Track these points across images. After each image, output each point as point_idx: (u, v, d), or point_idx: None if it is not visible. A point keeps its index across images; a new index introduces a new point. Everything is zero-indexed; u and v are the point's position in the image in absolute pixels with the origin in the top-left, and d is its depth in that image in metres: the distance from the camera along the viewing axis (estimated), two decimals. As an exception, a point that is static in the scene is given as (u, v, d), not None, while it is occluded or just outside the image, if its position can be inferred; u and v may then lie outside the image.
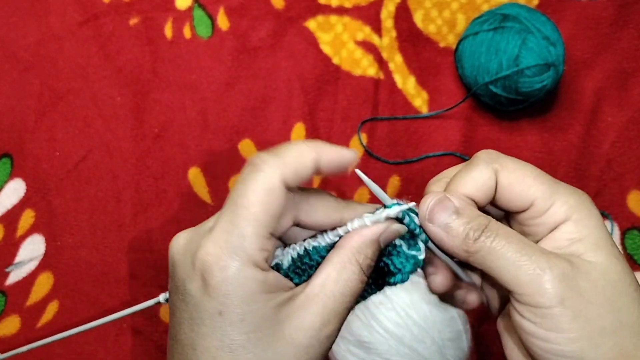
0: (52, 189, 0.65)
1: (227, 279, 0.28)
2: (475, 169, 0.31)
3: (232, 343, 0.28)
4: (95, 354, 0.62)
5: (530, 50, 0.59)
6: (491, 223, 0.29)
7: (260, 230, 0.28)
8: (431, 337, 0.52)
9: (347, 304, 0.29)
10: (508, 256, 0.28)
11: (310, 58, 0.68)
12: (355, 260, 0.30)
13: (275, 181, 0.28)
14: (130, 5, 0.70)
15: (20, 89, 0.67)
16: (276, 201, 0.28)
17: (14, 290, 0.63)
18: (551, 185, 0.30)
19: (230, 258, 0.28)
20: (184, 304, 0.29)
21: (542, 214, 0.30)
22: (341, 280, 0.29)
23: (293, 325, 0.28)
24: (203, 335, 0.28)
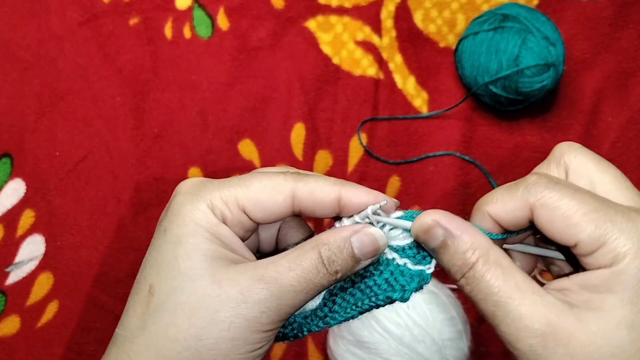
0: (52, 189, 0.65)
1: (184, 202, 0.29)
2: (512, 193, 0.29)
3: (162, 262, 0.29)
4: (95, 354, 0.62)
5: (530, 50, 0.59)
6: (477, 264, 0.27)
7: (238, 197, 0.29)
8: (431, 337, 0.52)
9: (293, 279, 0.28)
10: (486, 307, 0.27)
11: (310, 58, 0.68)
12: (316, 246, 0.29)
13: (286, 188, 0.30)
14: (130, 5, 0.70)
15: (20, 89, 0.67)
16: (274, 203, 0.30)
17: (14, 290, 0.63)
18: (601, 225, 0.26)
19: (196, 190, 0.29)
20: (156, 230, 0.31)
21: (587, 255, 0.27)
22: (293, 255, 0.29)
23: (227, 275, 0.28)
24: (147, 254, 0.30)
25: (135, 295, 0.29)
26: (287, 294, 0.28)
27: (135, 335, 0.28)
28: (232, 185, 0.30)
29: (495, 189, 0.30)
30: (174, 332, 0.27)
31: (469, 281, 0.28)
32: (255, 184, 0.30)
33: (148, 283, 0.28)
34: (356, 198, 0.30)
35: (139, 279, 0.29)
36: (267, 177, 0.30)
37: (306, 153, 0.66)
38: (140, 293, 0.29)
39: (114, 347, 0.30)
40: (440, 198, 0.65)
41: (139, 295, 0.29)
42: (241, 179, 0.30)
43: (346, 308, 0.32)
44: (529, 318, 0.26)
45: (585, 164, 0.29)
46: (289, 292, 0.28)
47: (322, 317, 0.32)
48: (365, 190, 0.31)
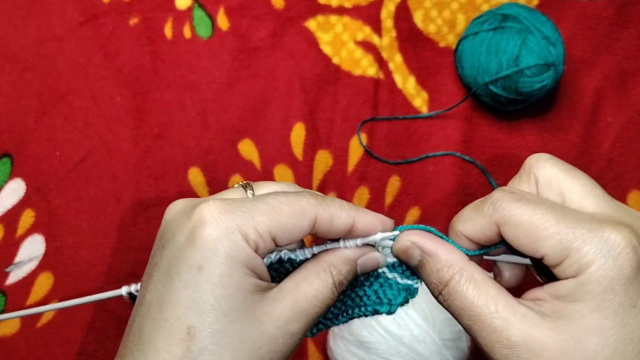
0: (52, 189, 0.65)
1: (218, 235, 0.27)
2: (478, 213, 0.30)
3: (202, 303, 0.27)
4: (95, 354, 0.62)
5: (530, 50, 0.59)
6: (452, 281, 0.29)
7: (270, 228, 0.28)
8: (431, 337, 0.52)
9: (316, 308, 0.30)
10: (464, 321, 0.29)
11: (310, 58, 0.68)
12: (330, 272, 0.31)
13: (311, 213, 0.30)
14: (130, 5, 0.70)
15: (20, 89, 0.67)
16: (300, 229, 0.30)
17: (14, 290, 0.63)
18: (564, 238, 0.27)
19: (230, 220, 0.27)
20: (166, 259, 0.28)
21: (556, 266, 0.27)
22: (314, 284, 0.30)
23: (264, 311, 0.28)
24: (175, 290, 0.27)
25: (168, 337, 0.27)
26: (312, 321, 0.30)
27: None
28: (263, 213, 0.28)
29: (465, 208, 0.31)
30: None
31: (445, 297, 0.29)
32: (285, 210, 0.29)
33: (185, 325, 0.27)
34: (368, 225, 0.32)
35: (167, 318, 0.27)
36: (293, 202, 0.29)
37: (306, 153, 0.66)
38: (176, 335, 0.27)
39: None
40: (440, 198, 0.65)
41: (173, 337, 0.27)
42: (269, 205, 0.29)
43: (337, 315, 0.34)
44: (502, 330, 0.27)
45: (554, 175, 0.30)
46: (314, 319, 0.30)
47: (316, 323, 0.33)
48: (375, 217, 0.32)
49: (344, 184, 0.65)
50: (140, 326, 0.28)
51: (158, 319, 0.27)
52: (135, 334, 0.28)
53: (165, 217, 0.30)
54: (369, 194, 0.65)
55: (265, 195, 0.30)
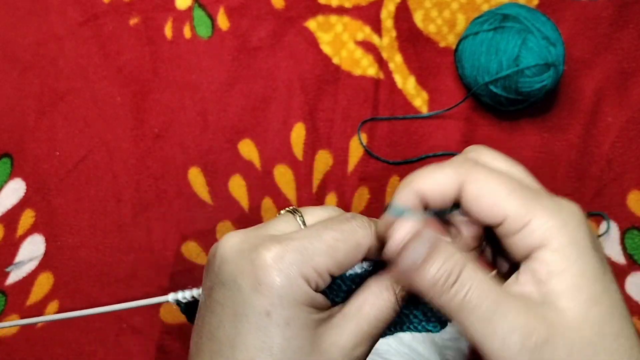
0: (52, 189, 0.65)
1: (282, 281, 0.28)
2: (441, 172, 0.29)
3: (273, 346, 0.28)
4: (95, 354, 0.62)
5: (530, 50, 0.59)
6: (464, 271, 0.26)
7: (329, 267, 0.29)
8: (431, 338, 0.52)
9: (379, 329, 0.30)
10: (478, 315, 0.26)
11: (310, 58, 0.68)
12: (393, 289, 0.30)
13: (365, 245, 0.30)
14: (130, 5, 0.70)
15: (20, 89, 0.67)
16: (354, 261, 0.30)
17: (14, 290, 0.63)
18: (528, 201, 0.27)
19: (291, 266, 0.28)
20: (230, 300, 0.29)
21: (516, 233, 0.27)
22: (377, 305, 0.30)
23: (329, 341, 0.29)
24: (246, 333, 0.28)
25: None
26: (374, 343, 0.30)
27: None
28: (321, 253, 0.29)
29: (423, 167, 0.30)
30: None
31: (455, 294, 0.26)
32: (341, 248, 0.29)
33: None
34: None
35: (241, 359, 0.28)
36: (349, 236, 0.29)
37: (306, 153, 0.66)
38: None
39: None
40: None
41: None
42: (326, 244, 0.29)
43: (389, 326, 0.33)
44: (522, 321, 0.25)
45: (494, 159, 0.30)
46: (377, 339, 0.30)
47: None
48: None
49: (344, 184, 0.65)
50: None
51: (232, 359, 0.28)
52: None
53: (221, 252, 0.30)
54: (369, 194, 0.65)
55: (320, 230, 0.30)
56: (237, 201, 0.65)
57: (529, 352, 0.25)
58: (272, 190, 0.65)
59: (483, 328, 0.26)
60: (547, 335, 0.25)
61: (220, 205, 0.65)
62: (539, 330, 0.25)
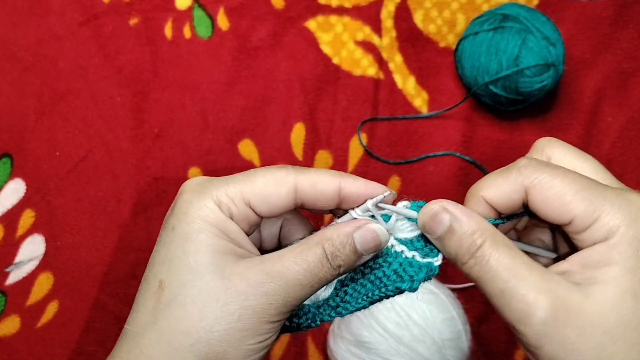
0: (52, 189, 0.65)
1: (191, 199, 0.30)
2: (505, 177, 0.30)
3: (173, 259, 0.29)
4: (95, 354, 0.62)
5: (530, 50, 0.59)
6: (485, 245, 0.28)
7: (243, 194, 0.30)
8: (431, 337, 0.52)
9: (299, 274, 0.29)
10: (495, 286, 0.27)
11: (310, 58, 0.68)
12: (320, 242, 0.30)
13: (288, 181, 0.31)
14: (130, 5, 0.70)
15: (20, 89, 0.67)
16: (277, 196, 0.31)
17: (14, 290, 0.63)
18: (594, 200, 0.27)
19: (204, 189, 0.30)
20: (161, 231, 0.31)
21: (583, 231, 0.28)
22: (298, 250, 0.30)
23: (235, 271, 0.29)
24: (155, 252, 0.30)
25: (145, 292, 0.30)
26: (294, 287, 0.29)
27: (147, 330, 0.29)
28: (237, 181, 0.30)
29: (488, 175, 0.31)
30: (185, 325, 0.28)
31: (477, 261, 0.28)
32: (259, 179, 0.31)
33: (158, 279, 0.29)
34: (356, 189, 0.32)
35: (147, 276, 0.30)
36: (269, 171, 0.31)
37: (306, 153, 0.66)
38: (150, 289, 0.29)
39: (124, 343, 0.30)
40: (440, 198, 0.64)
41: (148, 291, 0.29)
42: (245, 175, 0.31)
43: (357, 298, 0.33)
44: (539, 293, 0.26)
45: (565, 155, 0.30)
46: (295, 285, 0.29)
47: (334, 306, 0.33)
48: (364, 181, 0.32)
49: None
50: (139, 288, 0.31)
51: (144, 278, 0.31)
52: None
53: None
54: (369, 194, 0.65)
55: (249, 170, 0.32)
56: (237, 201, 0.65)
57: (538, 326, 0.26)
58: (272, 190, 0.65)
59: (498, 298, 0.27)
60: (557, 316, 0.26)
61: (220, 205, 0.65)
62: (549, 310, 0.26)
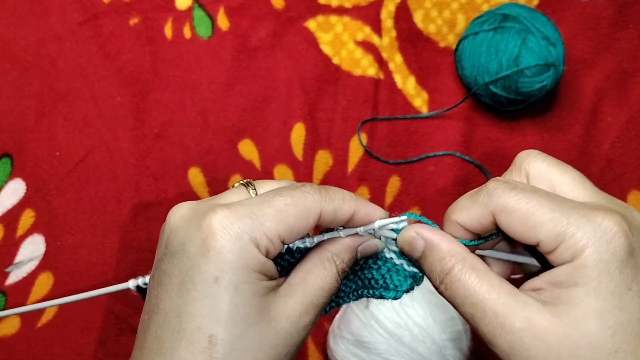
0: (52, 189, 0.65)
1: (232, 246, 0.28)
2: (475, 201, 0.30)
3: (222, 312, 0.27)
4: (95, 354, 0.62)
5: (530, 50, 0.59)
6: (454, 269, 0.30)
7: (280, 232, 0.29)
8: (431, 338, 0.52)
9: (323, 298, 0.31)
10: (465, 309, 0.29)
11: (310, 58, 0.68)
12: (333, 261, 0.32)
13: (317, 210, 0.30)
14: (130, 5, 0.70)
15: (20, 89, 0.67)
16: (306, 227, 0.30)
17: (14, 290, 0.63)
18: (558, 224, 0.27)
19: (241, 230, 0.28)
20: (177, 268, 0.29)
21: (549, 253, 0.28)
22: (320, 275, 0.31)
23: (278, 309, 0.29)
24: (192, 301, 0.28)
25: (191, 347, 0.28)
26: (319, 312, 0.31)
27: None
28: (271, 218, 0.29)
29: (460, 198, 0.32)
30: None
31: (447, 286, 0.30)
32: (292, 212, 0.29)
33: (206, 334, 0.28)
34: (367, 215, 0.33)
35: (187, 328, 0.28)
36: (299, 201, 0.30)
37: (306, 153, 0.66)
38: (197, 344, 0.28)
39: None
40: (440, 198, 0.65)
41: (195, 347, 0.28)
42: (276, 208, 0.29)
43: (349, 293, 0.35)
44: (505, 316, 0.27)
45: (544, 168, 0.31)
46: (322, 308, 0.32)
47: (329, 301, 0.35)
48: (374, 207, 0.33)
49: (344, 184, 0.65)
50: (159, 335, 0.28)
51: (178, 330, 0.28)
52: (153, 342, 0.29)
53: (169, 223, 0.30)
54: (369, 194, 0.65)
55: (270, 197, 0.30)
56: (237, 201, 0.65)
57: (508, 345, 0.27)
58: (272, 190, 0.65)
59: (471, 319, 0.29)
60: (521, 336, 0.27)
61: (220, 205, 0.65)
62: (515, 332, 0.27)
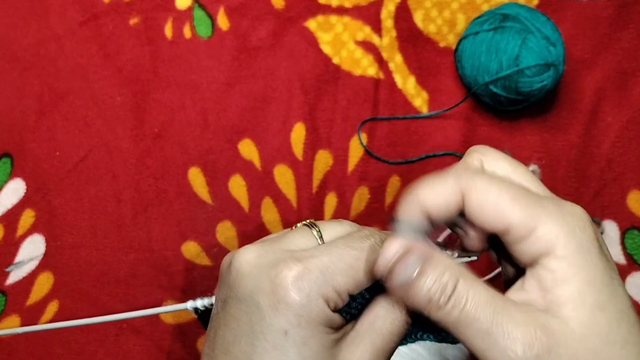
0: (52, 189, 0.65)
1: (302, 301, 0.28)
2: (442, 182, 0.28)
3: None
4: (95, 354, 0.62)
5: (530, 50, 0.59)
6: (459, 284, 0.26)
7: (349, 287, 0.29)
8: (431, 337, 0.52)
9: (393, 343, 0.30)
10: (478, 328, 0.25)
11: (310, 58, 0.68)
12: (402, 302, 0.30)
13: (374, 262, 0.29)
14: (130, 5, 0.70)
15: (20, 89, 0.67)
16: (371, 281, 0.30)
17: (14, 290, 0.63)
18: (531, 208, 0.26)
19: (312, 285, 0.28)
20: (247, 316, 0.29)
21: (522, 241, 0.26)
22: (389, 319, 0.30)
23: (345, 359, 0.29)
24: (262, 352, 0.28)
25: None
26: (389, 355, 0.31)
27: None
28: (341, 273, 0.29)
29: (424, 178, 0.29)
30: None
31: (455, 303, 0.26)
32: (361, 267, 0.29)
33: None
34: None
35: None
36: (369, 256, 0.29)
37: (306, 153, 0.66)
38: None
39: None
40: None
41: None
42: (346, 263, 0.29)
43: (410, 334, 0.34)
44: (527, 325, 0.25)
45: (498, 160, 0.30)
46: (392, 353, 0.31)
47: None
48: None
49: (344, 184, 0.65)
50: None
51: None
52: None
53: (237, 266, 0.30)
54: (369, 194, 0.65)
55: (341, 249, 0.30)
56: (237, 201, 0.65)
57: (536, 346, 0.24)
58: (272, 190, 0.65)
59: (483, 340, 0.25)
60: (549, 345, 0.25)
61: (220, 205, 0.65)
62: (541, 340, 0.25)
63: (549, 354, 0.24)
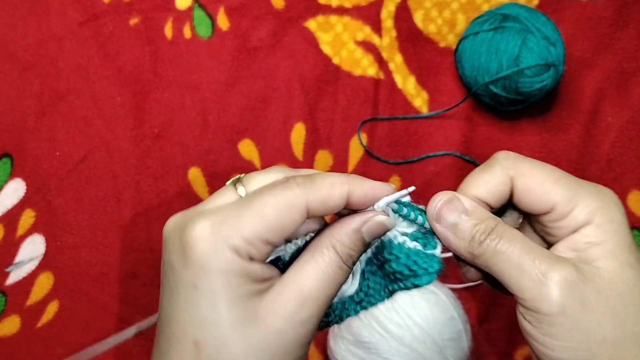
0: (52, 189, 0.65)
1: (206, 253, 0.28)
2: (490, 172, 0.31)
3: (202, 319, 0.28)
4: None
5: (530, 50, 0.59)
6: (498, 225, 0.30)
7: (261, 235, 0.28)
8: (431, 338, 0.52)
9: (325, 289, 0.29)
10: (512, 260, 0.29)
11: (310, 58, 0.68)
12: (332, 246, 0.30)
13: (300, 204, 0.29)
14: (130, 5, 0.70)
15: (20, 89, 0.67)
16: (291, 223, 0.29)
17: (14, 290, 0.63)
18: (573, 188, 0.30)
19: (217, 238, 0.28)
20: (167, 277, 0.30)
21: (564, 218, 0.30)
22: (318, 264, 0.29)
23: (266, 308, 0.29)
24: (176, 307, 0.29)
25: (179, 351, 0.29)
26: (322, 305, 0.29)
27: None
28: (249, 219, 0.28)
29: (471, 174, 0.32)
30: None
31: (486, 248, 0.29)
32: (270, 210, 0.28)
33: (191, 339, 0.28)
34: (365, 195, 0.31)
35: (176, 333, 0.29)
36: (279, 197, 0.29)
37: (306, 153, 0.66)
38: (184, 350, 0.28)
39: None
40: (440, 198, 0.65)
41: (182, 352, 0.28)
42: (253, 210, 0.29)
43: (379, 291, 0.33)
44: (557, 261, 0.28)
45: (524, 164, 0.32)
46: (324, 302, 0.29)
47: (359, 301, 0.33)
48: (372, 185, 0.31)
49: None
50: (158, 340, 0.30)
51: (169, 335, 0.29)
52: (156, 348, 0.31)
53: (164, 233, 0.31)
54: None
55: (251, 199, 0.29)
56: (237, 201, 0.65)
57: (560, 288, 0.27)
58: (272, 190, 0.65)
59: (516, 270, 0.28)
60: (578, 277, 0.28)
61: (220, 205, 0.65)
62: (572, 273, 0.28)
63: (577, 288, 0.28)
